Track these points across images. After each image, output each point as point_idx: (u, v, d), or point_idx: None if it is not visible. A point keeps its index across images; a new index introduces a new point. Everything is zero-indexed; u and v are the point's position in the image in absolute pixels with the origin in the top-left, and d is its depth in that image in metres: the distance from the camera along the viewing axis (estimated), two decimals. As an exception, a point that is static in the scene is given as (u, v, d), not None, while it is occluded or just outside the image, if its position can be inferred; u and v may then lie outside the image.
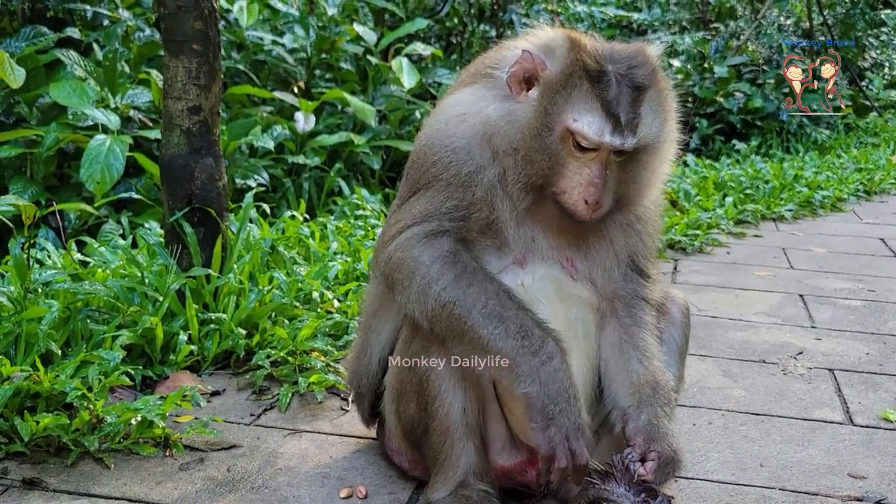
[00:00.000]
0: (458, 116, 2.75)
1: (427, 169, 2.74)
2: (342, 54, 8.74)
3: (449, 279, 2.60)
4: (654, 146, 2.70)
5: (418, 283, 2.62)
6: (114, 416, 3.20)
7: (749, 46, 13.24)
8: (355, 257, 5.15)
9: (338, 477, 3.10)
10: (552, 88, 2.59)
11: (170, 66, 4.14)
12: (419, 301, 2.62)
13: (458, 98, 2.83)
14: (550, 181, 2.64)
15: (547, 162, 2.61)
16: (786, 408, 3.84)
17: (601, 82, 2.56)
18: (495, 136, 2.68)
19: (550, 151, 2.61)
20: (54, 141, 5.79)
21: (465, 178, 2.69)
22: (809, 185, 9.08)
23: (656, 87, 2.66)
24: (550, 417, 2.51)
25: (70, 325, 3.74)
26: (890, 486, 3.17)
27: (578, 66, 2.57)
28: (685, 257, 6.56)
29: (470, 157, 2.69)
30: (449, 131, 2.74)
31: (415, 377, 2.75)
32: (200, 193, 4.20)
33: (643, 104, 2.61)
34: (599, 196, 2.61)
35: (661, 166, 2.80)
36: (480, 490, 2.73)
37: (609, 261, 2.84)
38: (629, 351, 2.81)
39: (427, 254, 2.63)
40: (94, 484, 2.99)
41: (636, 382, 2.77)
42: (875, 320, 5.13)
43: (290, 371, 3.85)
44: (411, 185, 2.80)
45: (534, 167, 2.63)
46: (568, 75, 2.58)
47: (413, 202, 2.75)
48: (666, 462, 2.64)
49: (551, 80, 2.60)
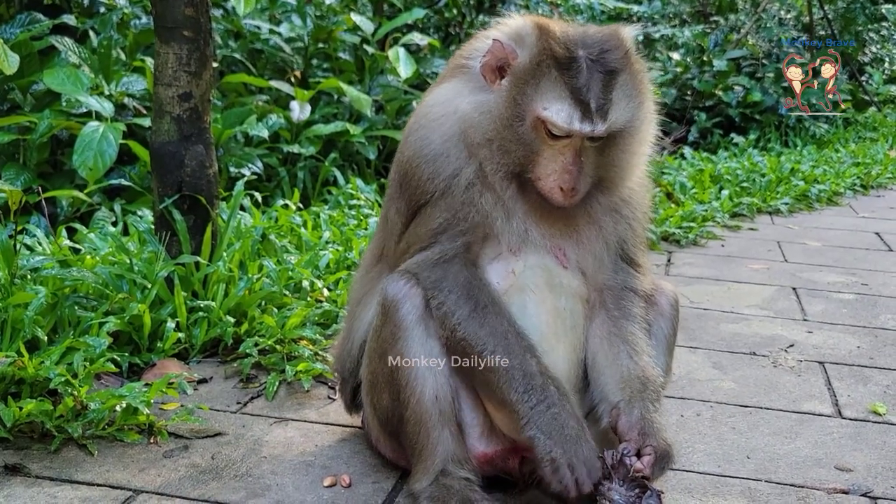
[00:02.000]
0: (435, 119, 2.77)
1: (415, 185, 2.75)
2: (339, 44, 8.72)
3: (464, 314, 2.64)
4: (630, 130, 2.68)
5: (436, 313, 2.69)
6: (98, 402, 3.19)
7: (749, 40, 13.21)
8: (347, 246, 5.14)
9: (322, 465, 3.09)
10: (521, 78, 2.59)
11: (160, 52, 4.13)
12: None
13: (435, 97, 2.85)
14: (527, 168, 2.65)
15: (521, 150, 2.62)
16: (775, 400, 3.83)
17: (571, 69, 2.55)
18: (470, 130, 2.69)
19: (524, 140, 2.61)
20: (48, 128, 5.78)
21: (445, 186, 2.71)
22: (806, 179, 9.07)
23: (630, 71, 2.64)
24: (555, 460, 2.52)
25: (57, 312, 3.73)
26: (876, 479, 3.16)
27: (547, 53, 2.57)
28: (679, 249, 6.55)
29: (447, 162, 2.71)
30: (426, 137, 2.76)
31: (385, 367, 2.74)
32: (190, 181, 4.19)
33: (615, 88, 2.59)
34: (574, 182, 2.61)
35: (641, 148, 2.78)
36: (462, 478, 2.71)
37: (599, 248, 2.82)
38: (618, 345, 2.79)
39: (445, 283, 2.68)
40: (76, 470, 2.98)
41: (626, 377, 2.74)
42: (867, 314, 5.12)
43: (277, 359, 3.84)
44: (404, 196, 2.81)
45: (510, 156, 2.64)
46: (537, 64, 2.58)
47: (417, 223, 2.77)
48: (661, 457, 2.64)
49: (521, 69, 2.60)
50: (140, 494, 2.86)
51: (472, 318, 2.64)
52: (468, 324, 2.63)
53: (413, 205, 2.78)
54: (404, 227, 2.83)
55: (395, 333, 2.71)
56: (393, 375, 2.73)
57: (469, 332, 2.63)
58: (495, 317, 2.64)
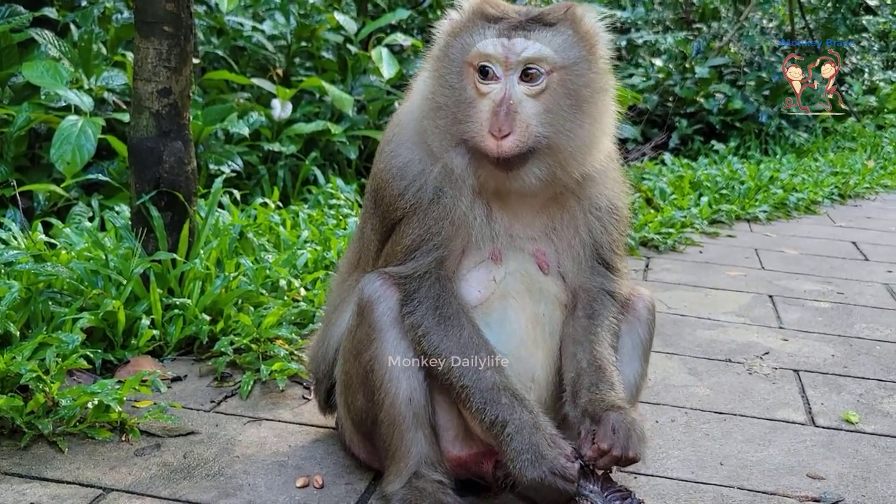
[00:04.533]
0: (403, 126, 2.80)
1: (387, 202, 2.76)
2: (323, 43, 8.70)
3: (430, 326, 2.65)
4: (572, 81, 2.58)
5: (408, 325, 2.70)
6: (70, 399, 3.16)
7: (731, 48, 13.28)
8: (325, 246, 5.12)
9: (295, 466, 3.08)
10: (451, 34, 2.66)
11: (140, 47, 4.09)
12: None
13: (405, 104, 2.89)
14: (465, 128, 2.58)
15: (457, 106, 2.60)
16: (749, 407, 3.84)
17: (500, 22, 2.60)
18: (424, 119, 2.69)
19: (458, 95, 2.60)
20: (25, 121, 5.73)
21: (415, 201, 2.70)
22: (784, 187, 9.12)
23: (572, 26, 2.63)
24: (531, 479, 2.49)
25: (30, 307, 3.69)
26: (848, 488, 3.17)
27: (478, 12, 2.64)
28: (658, 255, 6.57)
29: (412, 170, 2.71)
30: (395, 150, 2.79)
31: (360, 368, 2.73)
32: (168, 177, 4.16)
33: (548, 32, 2.59)
34: (502, 124, 2.50)
35: (598, 116, 2.66)
36: (435, 481, 2.70)
37: (577, 250, 2.81)
38: (580, 343, 2.76)
39: (417, 295, 2.68)
40: (46, 467, 2.95)
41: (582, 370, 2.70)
42: (842, 322, 5.15)
43: (253, 358, 3.82)
44: (378, 213, 2.82)
45: (448, 116, 2.61)
46: (468, 19, 2.64)
47: (393, 242, 2.77)
48: (623, 428, 2.53)
49: (452, 27, 2.67)
50: (110, 493, 2.83)
51: (437, 329, 2.63)
52: (433, 336, 2.63)
53: (387, 222, 2.78)
54: (380, 244, 2.83)
55: (370, 334, 2.70)
56: (367, 376, 2.72)
57: (433, 344, 2.64)
58: (459, 329, 2.64)
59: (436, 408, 2.76)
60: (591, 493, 2.56)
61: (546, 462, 2.49)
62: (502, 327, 2.72)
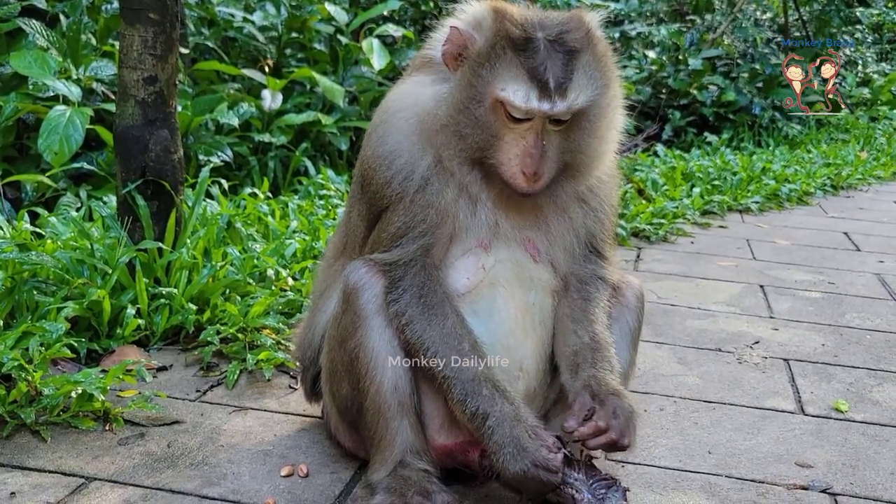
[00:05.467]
0: (393, 114, 2.74)
1: (374, 189, 2.73)
2: (314, 34, 8.66)
3: (414, 315, 2.62)
4: (594, 112, 2.63)
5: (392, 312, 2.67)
6: (53, 388, 3.13)
7: (724, 40, 13.27)
8: (314, 236, 5.10)
9: (280, 455, 3.05)
10: (477, 61, 2.54)
11: (126, 34, 4.06)
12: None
13: (397, 91, 2.81)
14: (488, 154, 2.59)
15: (480, 135, 2.57)
16: (738, 396, 3.83)
17: (527, 49, 2.50)
18: (427, 119, 2.65)
19: (482, 123, 2.56)
20: (13, 111, 5.70)
21: (401, 189, 2.67)
22: (777, 178, 9.11)
23: (592, 52, 2.59)
24: (514, 472, 2.48)
25: (14, 296, 3.66)
26: (836, 476, 3.16)
27: (502, 35, 2.52)
28: (649, 246, 6.55)
29: (400, 158, 2.68)
30: (383, 136, 2.73)
31: (345, 355, 2.71)
32: (154, 166, 4.13)
33: (576, 69, 2.53)
34: (536, 167, 2.54)
35: (608, 133, 2.73)
36: (420, 470, 2.68)
37: (569, 240, 2.81)
38: (575, 323, 2.75)
39: (401, 283, 2.65)
40: (28, 457, 2.93)
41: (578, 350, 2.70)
42: (833, 312, 5.14)
43: (239, 348, 3.79)
44: (365, 199, 2.79)
45: (467, 141, 2.58)
46: (492, 46, 2.53)
47: (379, 229, 2.74)
48: (622, 413, 2.54)
49: (477, 52, 2.55)
50: (92, 482, 2.81)
51: (421, 318, 2.61)
52: (416, 324, 2.61)
53: (374, 209, 2.76)
54: (367, 231, 2.81)
55: (355, 322, 2.67)
56: (352, 364, 2.69)
57: (416, 332, 2.61)
58: (443, 318, 2.61)
59: (421, 396, 2.74)
60: (576, 480, 2.54)
61: (528, 455, 2.47)
62: (491, 316, 2.70)
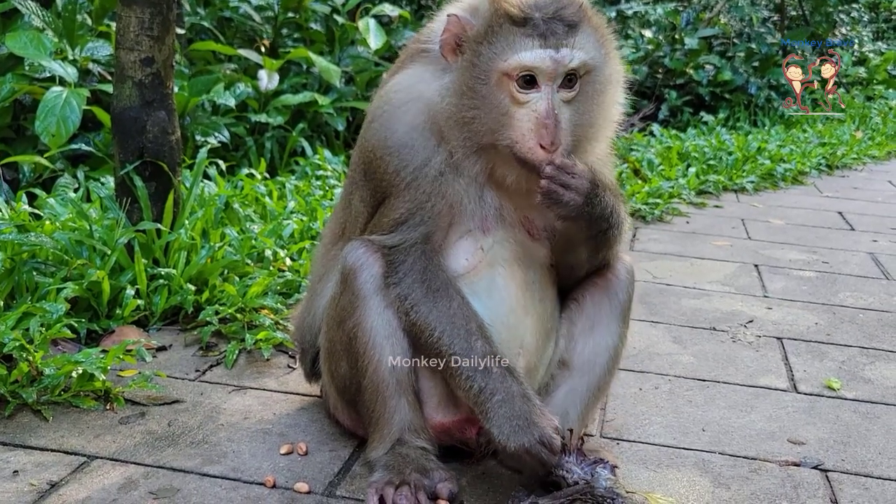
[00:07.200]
0: (398, 107, 2.71)
1: (380, 176, 2.72)
2: (310, 14, 8.63)
3: (417, 298, 2.64)
4: (599, 81, 2.62)
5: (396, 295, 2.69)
6: (54, 368, 3.16)
7: (721, 19, 13.24)
8: (312, 216, 5.12)
9: (279, 433, 3.09)
10: (477, 41, 2.54)
11: (122, 15, 4.07)
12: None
13: (397, 82, 2.78)
14: (499, 135, 2.56)
15: (488, 115, 2.55)
16: (732, 374, 3.87)
17: (526, 25, 2.51)
18: (437, 116, 2.64)
19: (489, 103, 2.54)
20: (9, 92, 5.68)
21: (412, 178, 2.66)
22: (772, 158, 9.13)
23: (590, 24, 2.60)
24: (517, 446, 2.51)
25: (14, 277, 3.69)
26: (828, 452, 3.20)
27: (500, 14, 2.52)
28: (645, 225, 6.59)
29: (413, 153, 2.67)
30: (390, 127, 2.71)
31: (343, 335, 2.74)
32: (152, 147, 4.14)
33: (578, 35, 2.54)
34: (553, 136, 2.50)
35: (612, 109, 2.72)
36: (418, 447, 2.72)
37: None
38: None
39: (402, 267, 2.68)
40: (30, 436, 2.96)
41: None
42: (826, 291, 5.18)
43: (238, 328, 3.82)
44: (369, 186, 2.79)
45: (479, 125, 2.57)
46: (490, 26, 2.53)
47: (381, 213, 2.74)
48: None
49: (476, 35, 2.55)
50: (94, 460, 2.84)
51: (425, 301, 2.63)
52: (421, 307, 2.64)
53: (378, 195, 2.76)
54: (369, 216, 2.81)
55: (353, 302, 2.70)
56: (351, 343, 2.72)
57: (422, 315, 2.64)
58: (448, 301, 2.64)
59: (419, 374, 2.77)
60: (567, 462, 2.59)
61: (537, 429, 2.51)
62: (490, 295, 2.73)
